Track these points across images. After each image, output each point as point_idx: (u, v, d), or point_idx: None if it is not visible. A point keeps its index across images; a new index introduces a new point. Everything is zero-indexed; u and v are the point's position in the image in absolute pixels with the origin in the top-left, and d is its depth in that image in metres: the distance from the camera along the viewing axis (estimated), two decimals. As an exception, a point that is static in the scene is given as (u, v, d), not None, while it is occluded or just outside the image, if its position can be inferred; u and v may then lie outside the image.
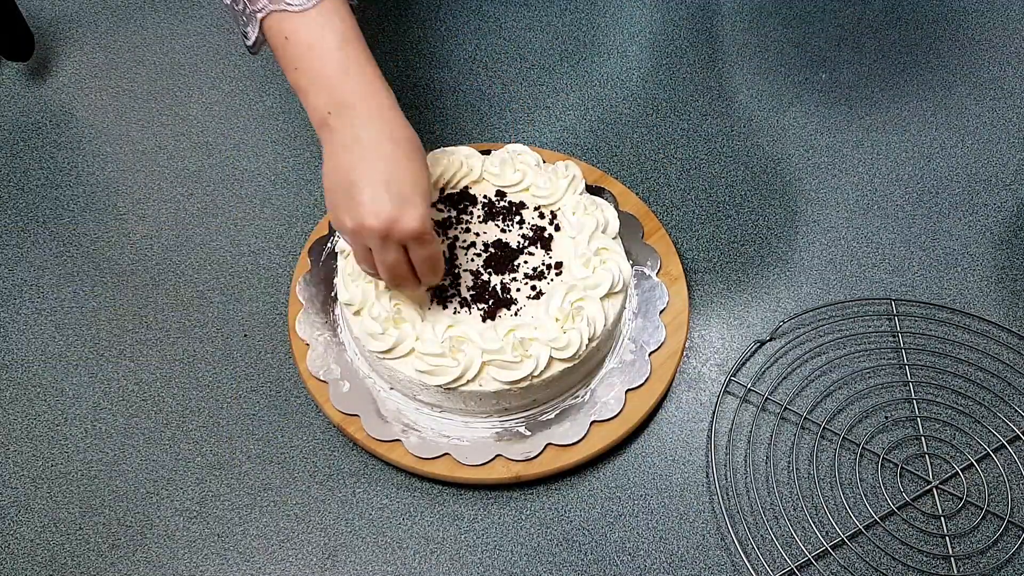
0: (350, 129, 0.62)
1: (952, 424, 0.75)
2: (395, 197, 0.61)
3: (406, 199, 0.61)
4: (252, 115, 0.94)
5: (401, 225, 0.61)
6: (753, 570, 0.68)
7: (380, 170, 0.61)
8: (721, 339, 0.79)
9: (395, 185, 0.61)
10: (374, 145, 0.62)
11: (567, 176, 0.77)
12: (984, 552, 0.70)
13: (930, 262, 0.83)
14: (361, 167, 0.61)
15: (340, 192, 0.63)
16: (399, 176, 0.62)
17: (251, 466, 0.74)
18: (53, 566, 0.70)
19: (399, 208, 0.61)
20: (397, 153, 0.62)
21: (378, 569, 0.70)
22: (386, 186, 0.61)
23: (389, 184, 0.61)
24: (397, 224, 0.61)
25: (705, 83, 0.95)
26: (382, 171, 0.61)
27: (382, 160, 0.61)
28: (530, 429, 0.72)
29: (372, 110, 0.62)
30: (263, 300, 0.82)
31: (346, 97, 0.62)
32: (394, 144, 0.62)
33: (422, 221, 0.62)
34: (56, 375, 0.79)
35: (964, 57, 0.96)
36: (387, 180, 0.61)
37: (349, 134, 0.62)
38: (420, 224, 0.62)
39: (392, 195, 0.61)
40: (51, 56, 0.98)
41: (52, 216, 0.87)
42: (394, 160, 0.62)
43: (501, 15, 1.01)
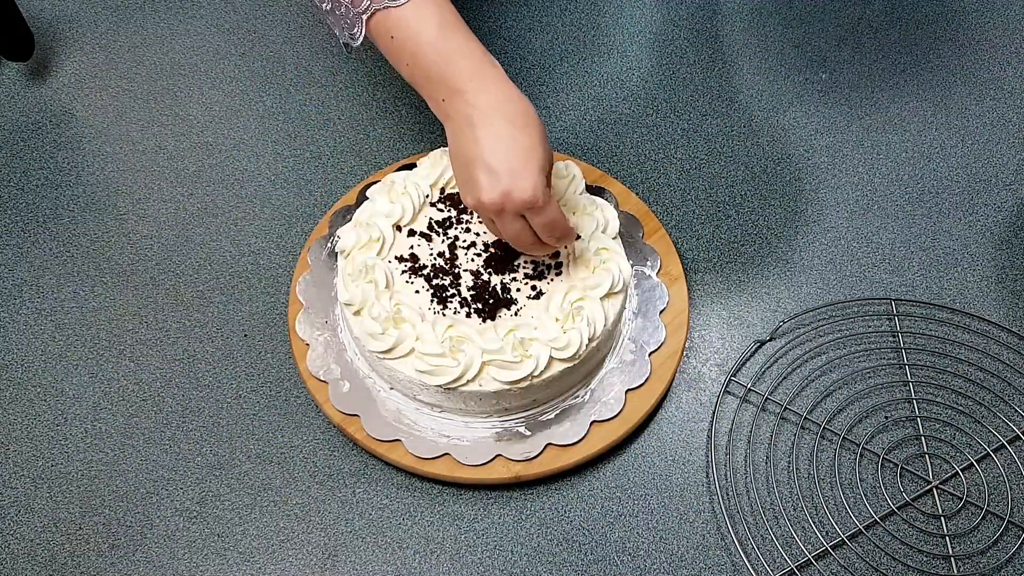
0: (463, 112, 0.65)
1: (952, 424, 0.75)
2: (505, 172, 0.63)
3: (516, 172, 0.64)
4: (252, 115, 0.94)
5: (513, 197, 0.64)
6: (753, 570, 0.68)
7: (492, 148, 0.64)
8: (721, 339, 0.79)
9: (507, 160, 0.64)
10: (485, 124, 0.64)
11: (567, 176, 0.77)
12: (984, 552, 0.70)
13: (930, 262, 0.83)
14: (474, 148, 0.64)
15: (461, 172, 0.66)
16: (511, 150, 0.64)
17: (251, 466, 0.74)
18: (53, 566, 0.70)
19: (510, 182, 0.63)
20: (507, 128, 0.64)
21: (378, 569, 0.70)
22: (498, 163, 0.64)
23: (500, 160, 0.64)
24: (509, 197, 0.64)
25: (705, 83, 0.95)
26: (493, 148, 0.64)
27: (493, 137, 0.64)
28: (530, 429, 0.72)
29: (479, 90, 0.65)
30: (263, 300, 0.82)
31: (454, 82, 0.65)
32: (504, 119, 0.64)
33: (533, 191, 0.64)
34: (56, 375, 0.79)
35: (964, 57, 0.96)
36: (498, 156, 0.64)
37: (463, 117, 0.65)
38: (531, 194, 0.64)
39: (504, 170, 0.63)
40: (51, 56, 0.98)
41: (52, 216, 0.87)
42: (504, 135, 0.64)
43: (501, 15, 1.01)
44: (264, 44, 0.99)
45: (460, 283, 0.73)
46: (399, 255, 0.75)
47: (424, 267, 0.74)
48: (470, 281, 0.73)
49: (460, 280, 0.73)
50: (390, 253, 0.75)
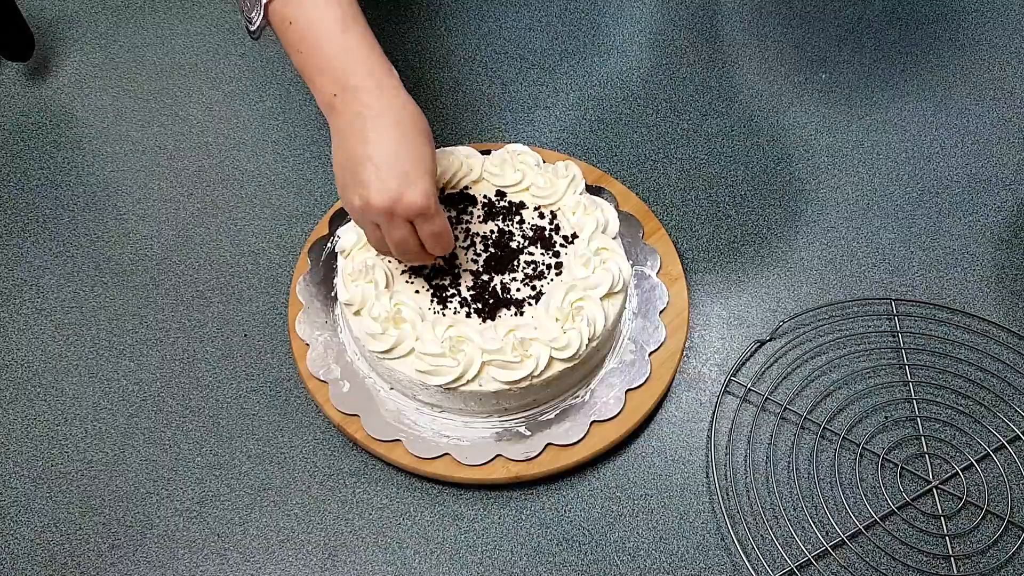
0: (354, 110, 0.63)
1: (952, 424, 0.75)
2: (399, 175, 0.62)
3: (409, 176, 0.62)
4: (252, 115, 0.94)
5: (405, 202, 0.62)
6: (753, 570, 0.68)
7: (383, 149, 0.62)
8: (721, 339, 0.79)
9: (399, 163, 0.62)
10: (377, 124, 0.63)
11: (567, 176, 0.77)
12: (984, 552, 0.70)
13: (930, 262, 0.83)
14: (365, 147, 0.62)
15: (347, 172, 0.64)
16: (402, 154, 0.62)
17: (251, 466, 0.74)
18: (53, 566, 0.70)
19: (403, 185, 0.62)
20: (400, 132, 0.63)
21: (378, 569, 0.70)
22: (389, 164, 0.62)
23: (392, 162, 0.62)
24: (401, 201, 0.62)
25: (705, 83, 0.95)
26: (385, 150, 0.62)
27: (385, 139, 0.62)
28: (530, 429, 0.72)
29: (375, 90, 0.63)
30: (263, 300, 0.82)
31: (349, 79, 0.63)
32: (398, 123, 0.63)
33: (426, 197, 0.62)
34: (56, 375, 0.79)
35: (964, 57, 0.97)
36: (390, 158, 0.62)
37: (352, 115, 0.63)
38: (424, 200, 0.62)
39: (396, 173, 0.62)
40: (51, 56, 0.98)
41: (52, 216, 0.87)
42: (397, 138, 0.62)
43: (501, 15, 1.01)
44: (264, 44, 0.99)
45: (460, 283, 0.73)
46: (399, 255, 0.75)
47: (424, 267, 0.74)
48: (470, 281, 0.73)
49: (460, 280, 0.73)
50: (390, 253, 0.75)
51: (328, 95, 0.64)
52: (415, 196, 0.62)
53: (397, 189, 0.62)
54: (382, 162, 0.62)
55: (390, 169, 0.62)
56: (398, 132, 0.63)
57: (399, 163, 0.62)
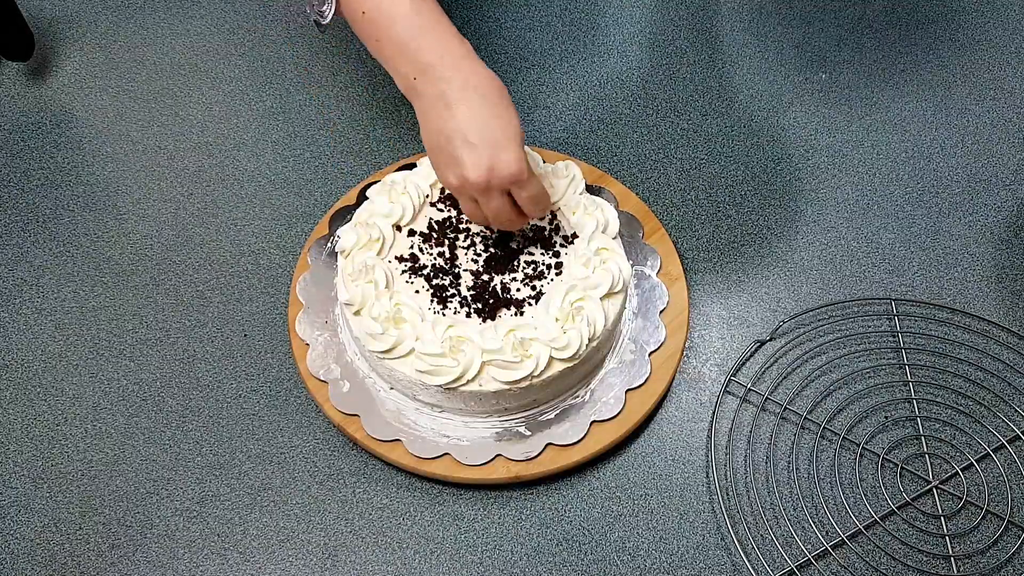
0: (434, 89, 0.64)
1: (952, 424, 0.75)
2: (488, 147, 0.63)
3: (499, 146, 0.63)
4: (252, 115, 0.94)
5: (499, 173, 0.63)
6: (753, 570, 0.68)
7: (469, 124, 0.63)
8: (721, 339, 0.79)
9: (487, 134, 0.63)
10: (459, 99, 0.63)
11: (567, 176, 0.77)
12: (984, 552, 0.70)
13: (930, 262, 0.83)
14: (451, 124, 0.63)
15: (439, 152, 0.65)
16: (489, 124, 0.63)
17: (251, 466, 0.74)
18: (53, 566, 0.70)
19: (494, 157, 0.63)
20: (484, 103, 0.64)
21: (378, 569, 0.70)
22: (478, 138, 0.63)
23: (481, 135, 0.63)
24: (495, 173, 0.63)
25: (705, 83, 0.95)
26: (471, 124, 0.63)
27: (470, 112, 0.63)
28: (530, 429, 0.72)
29: (450, 65, 0.64)
30: (263, 300, 0.82)
31: (425, 58, 0.64)
32: (478, 94, 0.64)
33: (519, 164, 0.63)
34: (56, 375, 0.79)
35: (964, 57, 0.96)
36: (478, 132, 0.63)
37: (435, 94, 0.64)
38: (517, 167, 0.63)
39: (485, 146, 0.63)
40: (51, 56, 0.98)
41: (52, 216, 0.87)
42: (481, 109, 0.63)
43: (501, 15, 1.01)
44: (264, 44, 0.99)
45: (460, 283, 0.73)
46: (399, 255, 0.75)
47: (424, 267, 0.74)
48: (470, 281, 0.73)
49: (460, 280, 0.73)
50: (390, 253, 0.75)
51: (408, 79, 0.65)
52: (508, 165, 0.63)
53: (489, 162, 0.63)
54: (471, 136, 0.63)
55: (480, 142, 0.63)
56: (481, 102, 0.63)
57: (487, 134, 0.63)
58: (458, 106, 0.63)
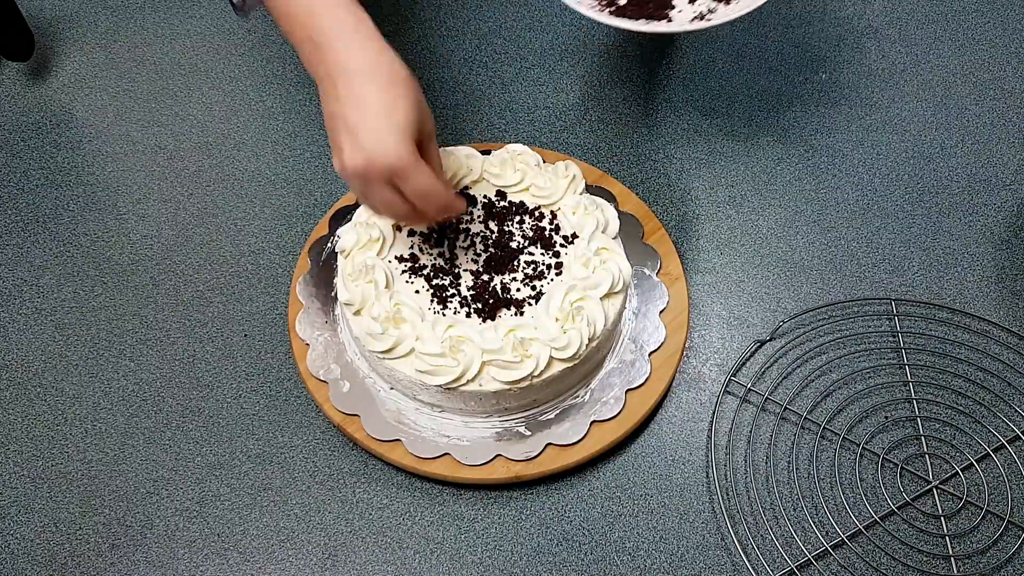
0: (325, 68, 0.61)
1: (952, 424, 0.75)
2: (367, 134, 0.59)
3: (377, 133, 0.59)
4: (252, 115, 0.94)
5: (375, 162, 0.59)
6: (753, 570, 0.68)
7: (352, 107, 0.59)
8: (721, 339, 0.79)
9: (367, 120, 0.59)
10: (347, 83, 0.60)
11: (567, 176, 0.77)
12: (984, 552, 0.70)
13: (930, 262, 0.83)
14: (337, 106, 0.60)
15: (330, 137, 0.62)
16: (371, 111, 0.59)
17: (251, 466, 0.74)
18: (53, 566, 0.70)
19: (371, 145, 0.59)
20: (370, 87, 0.60)
21: (378, 569, 0.70)
22: (357, 124, 0.59)
23: (360, 120, 0.59)
24: (372, 163, 0.59)
25: (705, 83, 0.95)
26: (355, 114, 0.59)
27: (355, 98, 0.59)
28: (530, 429, 0.72)
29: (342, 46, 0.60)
30: (263, 300, 0.82)
31: (319, 37, 0.60)
32: (365, 78, 0.60)
33: (396, 153, 0.59)
34: (56, 375, 0.79)
35: (964, 57, 0.96)
36: (358, 117, 0.59)
37: (326, 75, 0.61)
38: (395, 157, 0.59)
39: (364, 133, 0.59)
40: (51, 56, 0.98)
41: (52, 216, 0.87)
42: (366, 95, 0.59)
43: (501, 15, 1.01)
44: (264, 44, 0.99)
45: (460, 283, 0.73)
46: (399, 255, 0.75)
47: (424, 267, 0.74)
48: (470, 281, 0.73)
49: (460, 280, 0.73)
50: (390, 253, 0.75)
51: (308, 58, 0.62)
52: (385, 156, 0.59)
53: (367, 151, 0.59)
54: (351, 122, 0.59)
55: (358, 128, 0.59)
56: (369, 88, 0.59)
57: (367, 120, 0.59)
58: (342, 88, 0.59)
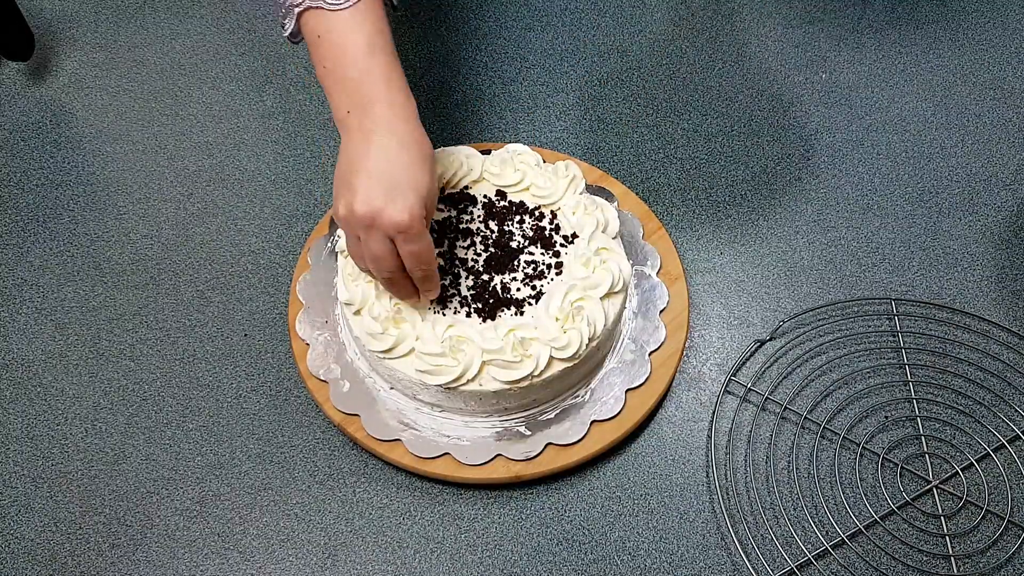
0: (363, 128, 0.64)
1: (952, 424, 0.75)
2: (387, 188, 0.62)
3: (397, 190, 0.62)
4: (252, 115, 0.94)
5: (386, 215, 0.62)
6: (753, 570, 0.68)
7: (381, 165, 0.63)
8: (721, 339, 0.79)
9: (390, 177, 0.62)
10: (382, 143, 0.63)
11: (567, 176, 0.77)
12: (984, 552, 0.70)
13: (930, 262, 0.83)
14: (364, 161, 0.63)
15: (341, 182, 0.64)
16: (397, 171, 0.63)
17: (251, 466, 0.74)
18: (53, 566, 0.70)
19: (388, 198, 0.62)
20: (402, 154, 0.63)
21: (378, 569, 0.70)
22: (380, 177, 0.62)
23: (384, 176, 0.62)
24: (382, 214, 0.62)
25: (705, 83, 0.95)
26: (382, 166, 0.63)
27: (385, 157, 0.63)
28: (530, 429, 0.72)
29: (386, 113, 0.64)
30: (263, 300, 0.82)
31: (365, 100, 0.64)
32: (402, 147, 0.63)
33: (409, 213, 0.62)
34: (56, 375, 0.79)
35: (964, 57, 0.97)
36: (384, 174, 0.62)
37: (361, 132, 0.64)
38: (407, 216, 0.62)
39: (384, 185, 0.62)
40: (51, 56, 0.98)
41: (52, 216, 0.87)
42: (397, 159, 0.63)
43: (501, 15, 1.01)
44: (264, 44, 0.99)
45: (460, 283, 0.73)
46: (399, 255, 0.75)
47: (424, 267, 0.74)
48: (470, 281, 0.73)
49: (460, 280, 0.73)
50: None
51: (342, 111, 0.65)
52: (400, 212, 0.62)
53: (382, 201, 0.62)
54: (374, 172, 0.62)
55: (380, 181, 0.62)
56: (399, 151, 0.63)
57: (390, 177, 0.62)
58: (375, 144, 0.63)
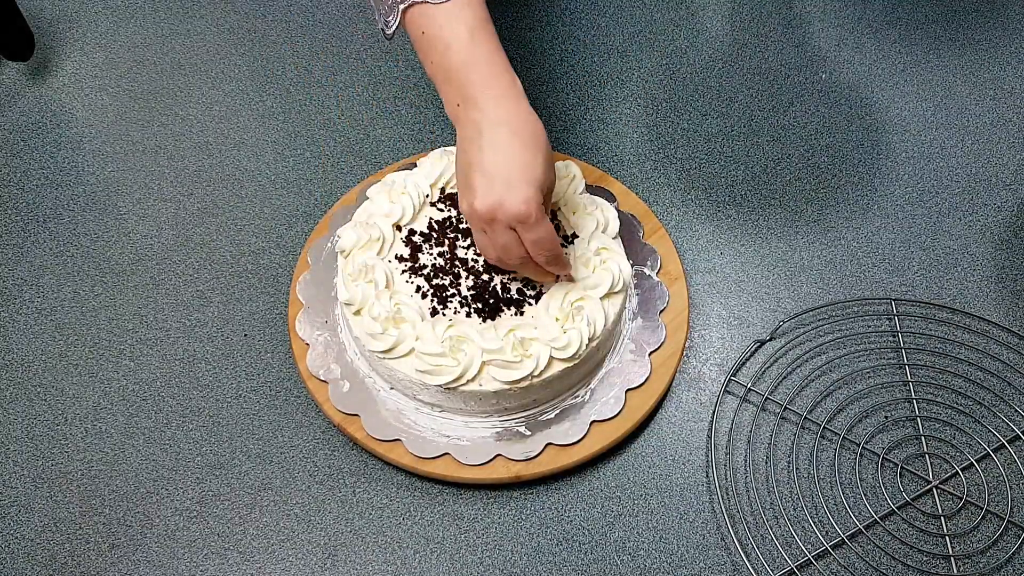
0: (473, 120, 0.65)
1: (952, 424, 0.75)
2: (502, 181, 0.63)
3: (512, 182, 0.63)
4: (252, 115, 0.94)
5: (505, 208, 0.63)
6: (753, 570, 0.68)
7: (493, 158, 0.64)
8: (721, 339, 0.79)
9: (505, 170, 0.64)
10: (492, 134, 0.64)
11: (567, 176, 0.77)
12: (984, 552, 0.70)
13: (930, 262, 0.83)
14: (478, 156, 0.64)
15: (461, 177, 0.66)
16: (511, 162, 0.64)
17: (251, 466, 0.74)
18: (53, 566, 0.70)
19: (505, 191, 0.63)
20: (513, 141, 0.64)
21: (378, 569, 0.70)
22: (495, 171, 0.64)
23: (499, 170, 0.64)
24: (502, 206, 0.64)
25: (705, 83, 0.95)
26: (495, 159, 0.64)
27: (497, 148, 0.64)
28: (530, 429, 0.72)
29: (494, 100, 0.65)
30: (263, 300, 0.82)
31: (469, 90, 0.65)
32: (511, 132, 0.64)
33: (526, 204, 0.63)
34: (56, 375, 0.79)
35: (964, 57, 0.97)
36: (496, 165, 0.64)
37: (471, 124, 0.65)
38: (524, 207, 0.63)
39: (501, 180, 0.63)
40: (51, 56, 0.98)
41: (52, 216, 0.87)
42: (508, 148, 0.64)
43: (501, 15, 1.01)
44: (264, 44, 0.99)
45: (460, 283, 0.73)
46: (399, 255, 0.75)
47: (424, 267, 0.74)
48: (470, 281, 0.73)
49: (460, 280, 0.73)
50: (390, 253, 0.75)
51: (453, 104, 0.66)
52: (515, 202, 0.63)
53: (499, 195, 0.63)
54: (489, 169, 0.64)
55: (496, 176, 0.63)
56: (511, 140, 0.64)
57: (505, 170, 0.64)
58: (487, 138, 0.64)
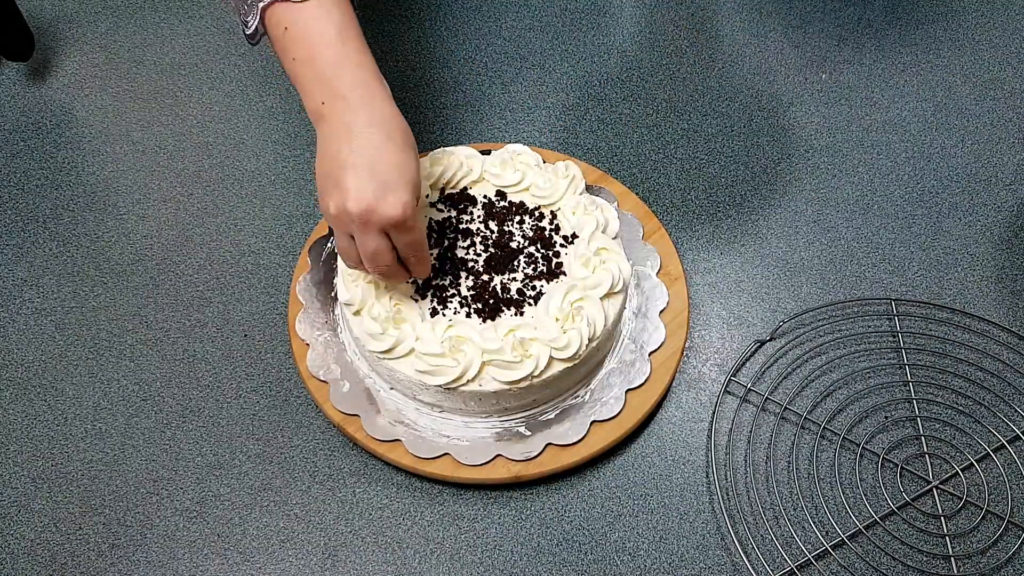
0: (341, 118, 0.63)
1: (952, 424, 0.75)
2: (378, 183, 0.61)
3: (389, 185, 0.61)
4: (252, 115, 0.94)
5: (381, 210, 0.61)
6: (753, 570, 0.68)
7: (366, 157, 0.61)
8: (721, 339, 0.79)
9: (380, 171, 0.61)
10: (363, 133, 0.62)
11: (567, 176, 0.77)
12: (984, 552, 0.70)
13: (930, 262, 0.83)
14: (348, 155, 0.62)
15: (327, 178, 0.63)
16: (385, 162, 0.62)
17: (251, 466, 0.74)
18: (53, 566, 0.70)
19: (380, 193, 0.61)
20: (385, 142, 0.62)
21: (378, 569, 0.70)
22: (370, 172, 0.61)
23: (373, 170, 0.61)
24: (377, 209, 0.61)
25: (705, 83, 0.95)
26: (368, 158, 0.61)
27: (369, 147, 0.62)
28: (530, 429, 0.72)
29: (363, 100, 0.63)
30: (263, 300, 0.82)
31: (339, 88, 0.63)
32: (383, 133, 0.62)
33: (403, 207, 0.62)
34: (56, 375, 0.79)
35: (964, 57, 0.97)
36: (371, 166, 0.61)
37: (340, 123, 0.63)
38: (401, 210, 0.62)
39: (375, 181, 0.61)
40: (51, 56, 0.98)
41: (52, 216, 0.87)
42: (381, 148, 0.62)
43: (501, 15, 1.01)
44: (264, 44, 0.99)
45: (460, 283, 0.73)
46: (399, 255, 0.75)
47: (424, 267, 0.74)
48: (470, 281, 0.73)
49: (460, 280, 0.73)
50: (390, 253, 0.75)
51: (317, 103, 0.64)
52: (392, 206, 0.61)
53: (375, 196, 0.61)
54: (363, 169, 0.61)
55: (370, 176, 0.61)
56: (383, 141, 0.62)
57: (380, 171, 0.61)
58: (360, 138, 0.62)
